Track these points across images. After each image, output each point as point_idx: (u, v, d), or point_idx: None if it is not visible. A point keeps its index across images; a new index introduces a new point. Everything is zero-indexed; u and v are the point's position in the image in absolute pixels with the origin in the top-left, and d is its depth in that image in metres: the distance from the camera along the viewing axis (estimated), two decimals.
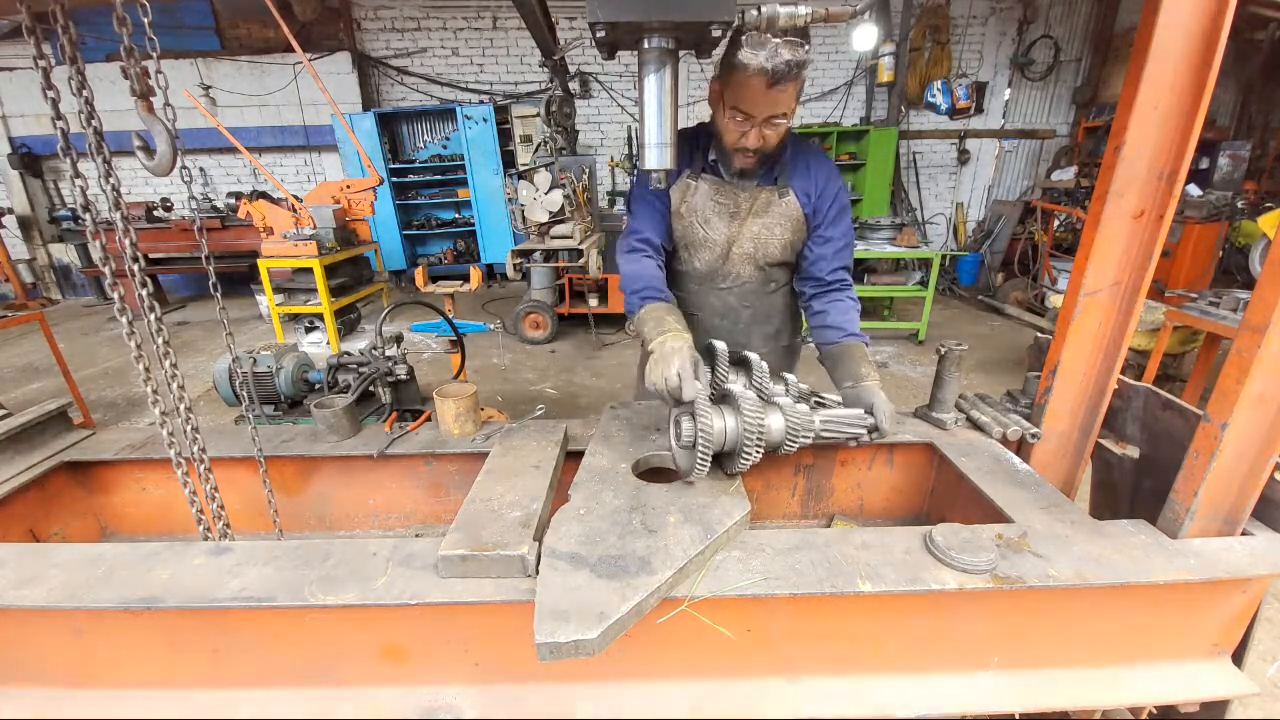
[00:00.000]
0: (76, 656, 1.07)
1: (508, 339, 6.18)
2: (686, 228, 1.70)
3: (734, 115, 1.44)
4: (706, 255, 1.72)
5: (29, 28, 0.95)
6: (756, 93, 1.36)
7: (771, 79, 1.31)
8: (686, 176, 1.66)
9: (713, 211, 1.66)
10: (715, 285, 1.77)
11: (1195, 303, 3.43)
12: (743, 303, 1.79)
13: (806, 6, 1.22)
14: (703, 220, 1.67)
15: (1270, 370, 1.00)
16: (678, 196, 1.67)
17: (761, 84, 1.33)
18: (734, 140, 1.50)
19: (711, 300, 1.79)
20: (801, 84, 1.39)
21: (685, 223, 1.69)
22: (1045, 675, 1.11)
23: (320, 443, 1.59)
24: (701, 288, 1.79)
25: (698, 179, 1.65)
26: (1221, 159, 6.83)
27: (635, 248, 1.67)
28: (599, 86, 8.53)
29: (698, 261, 1.74)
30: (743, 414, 1.18)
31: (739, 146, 1.51)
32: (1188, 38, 1.05)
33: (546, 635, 0.85)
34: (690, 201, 1.66)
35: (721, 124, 1.51)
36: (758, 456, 1.20)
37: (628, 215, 1.76)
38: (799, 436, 1.25)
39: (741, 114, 1.43)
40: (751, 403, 1.20)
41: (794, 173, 1.63)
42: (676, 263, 1.79)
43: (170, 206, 7.52)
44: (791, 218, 1.65)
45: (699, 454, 1.16)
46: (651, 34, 1.10)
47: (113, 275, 1.06)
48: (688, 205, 1.67)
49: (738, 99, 1.40)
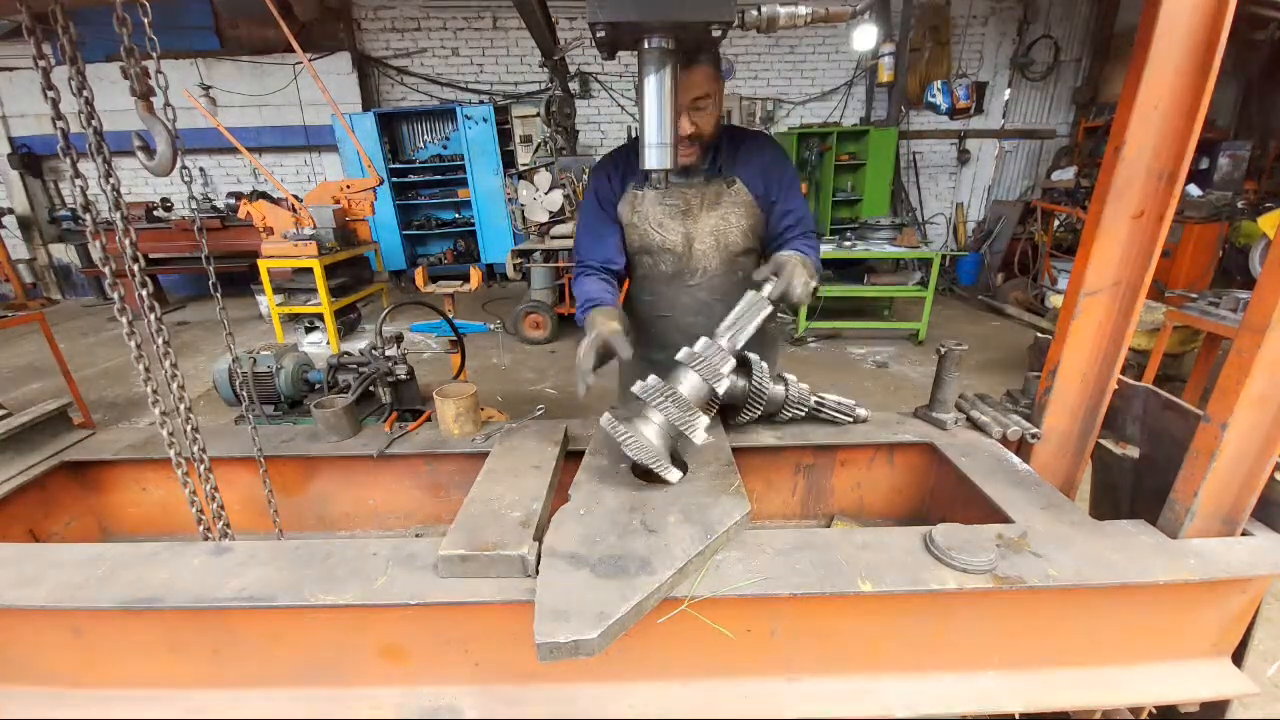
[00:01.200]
0: (76, 656, 1.07)
1: (508, 339, 6.18)
2: (642, 235, 1.73)
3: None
4: (668, 257, 1.75)
5: (29, 28, 0.95)
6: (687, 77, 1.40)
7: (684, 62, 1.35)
8: (632, 188, 1.71)
9: (664, 214, 1.69)
10: (684, 284, 1.78)
11: (1195, 303, 3.43)
12: (714, 297, 1.79)
13: (806, 6, 1.22)
14: (656, 224, 1.70)
15: (1270, 370, 1.00)
16: (627, 210, 1.72)
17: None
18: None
19: (683, 299, 1.80)
20: (715, 65, 1.45)
21: (640, 231, 1.73)
22: (1045, 675, 1.11)
23: (320, 443, 1.59)
24: (670, 288, 1.80)
25: (642, 188, 1.69)
26: (1221, 159, 6.83)
27: (581, 271, 1.76)
28: (599, 86, 8.53)
29: (662, 265, 1.77)
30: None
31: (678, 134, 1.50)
32: (1188, 38, 1.05)
33: (546, 635, 0.85)
34: (641, 210, 1.71)
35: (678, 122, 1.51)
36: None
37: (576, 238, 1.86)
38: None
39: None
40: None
41: (736, 161, 1.67)
42: (641, 269, 1.82)
43: (170, 206, 7.52)
44: (744, 204, 1.69)
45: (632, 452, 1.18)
46: (651, 34, 1.10)
47: (113, 275, 1.06)
48: (639, 215, 1.71)
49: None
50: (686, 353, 1.28)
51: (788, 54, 8.44)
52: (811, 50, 8.44)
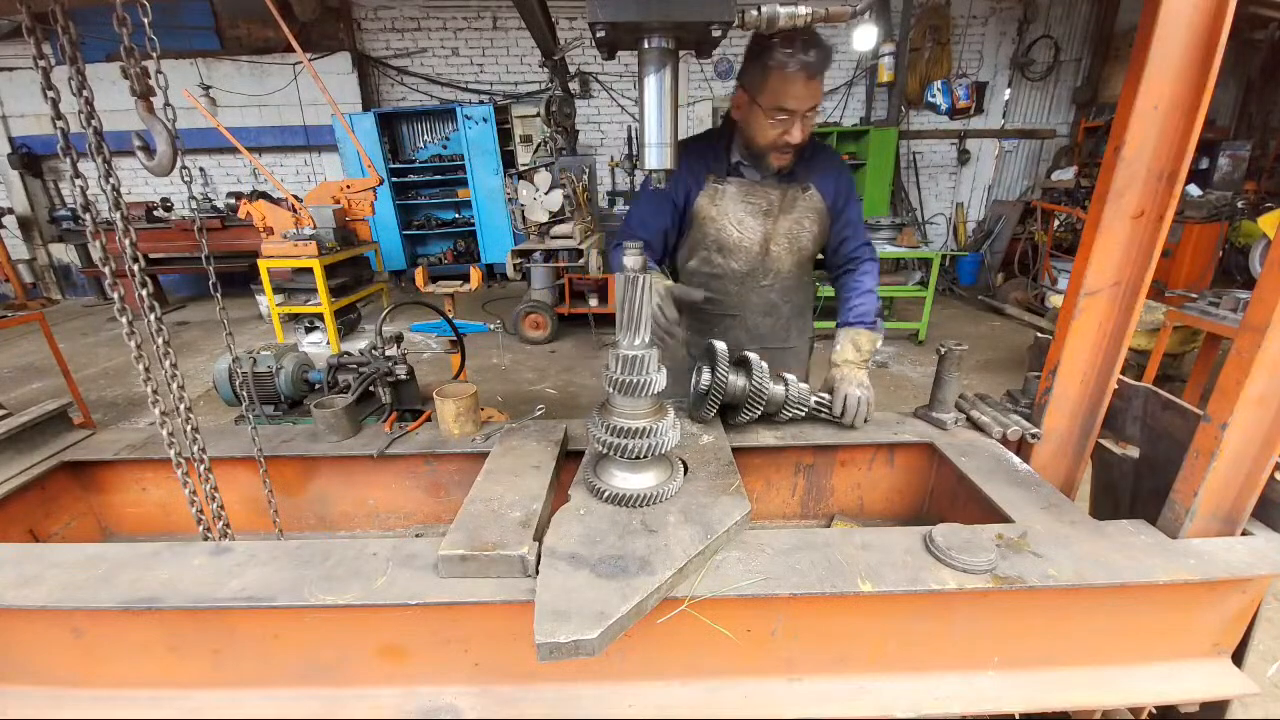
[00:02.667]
0: (76, 656, 1.07)
1: (508, 339, 6.18)
2: (719, 230, 1.72)
3: (775, 115, 1.48)
4: (743, 256, 1.75)
5: (29, 28, 0.95)
6: (799, 88, 1.44)
7: (810, 72, 1.41)
8: (713, 181, 1.68)
9: (745, 212, 1.69)
10: (757, 283, 1.79)
11: (1195, 303, 3.43)
12: (784, 299, 1.83)
13: (806, 6, 1.22)
14: (735, 221, 1.70)
15: (1270, 370, 1.00)
16: (706, 200, 1.70)
17: (802, 79, 1.41)
18: (773, 139, 1.54)
19: (753, 299, 1.82)
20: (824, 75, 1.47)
21: (717, 225, 1.71)
22: (1045, 675, 1.11)
23: (320, 443, 1.59)
24: (742, 288, 1.80)
25: (724, 182, 1.68)
26: (1221, 159, 6.84)
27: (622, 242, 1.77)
28: (599, 86, 8.53)
29: (735, 263, 1.76)
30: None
31: (780, 145, 1.55)
32: (1188, 38, 1.05)
33: (546, 635, 0.85)
34: (720, 205, 1.69)
35: (757, 127, 1.55)
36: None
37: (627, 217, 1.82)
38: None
39: (784, 112, 1.48)
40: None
41: (811, 168, 1.69)
42: (710, 267, 1.80)
43: (170, 206, 7.52)
44: (817, 210, 1.71)
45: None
46: (651, 34, 1.10)
47: (113, 275, 1.06)
48: (718, 208, 1.69)
49: (780, 98, 1.46)
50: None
51: None
52: None
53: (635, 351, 1.11)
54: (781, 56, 1.39)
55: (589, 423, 1.20)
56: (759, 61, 1.45)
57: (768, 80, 1.45)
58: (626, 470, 1.19)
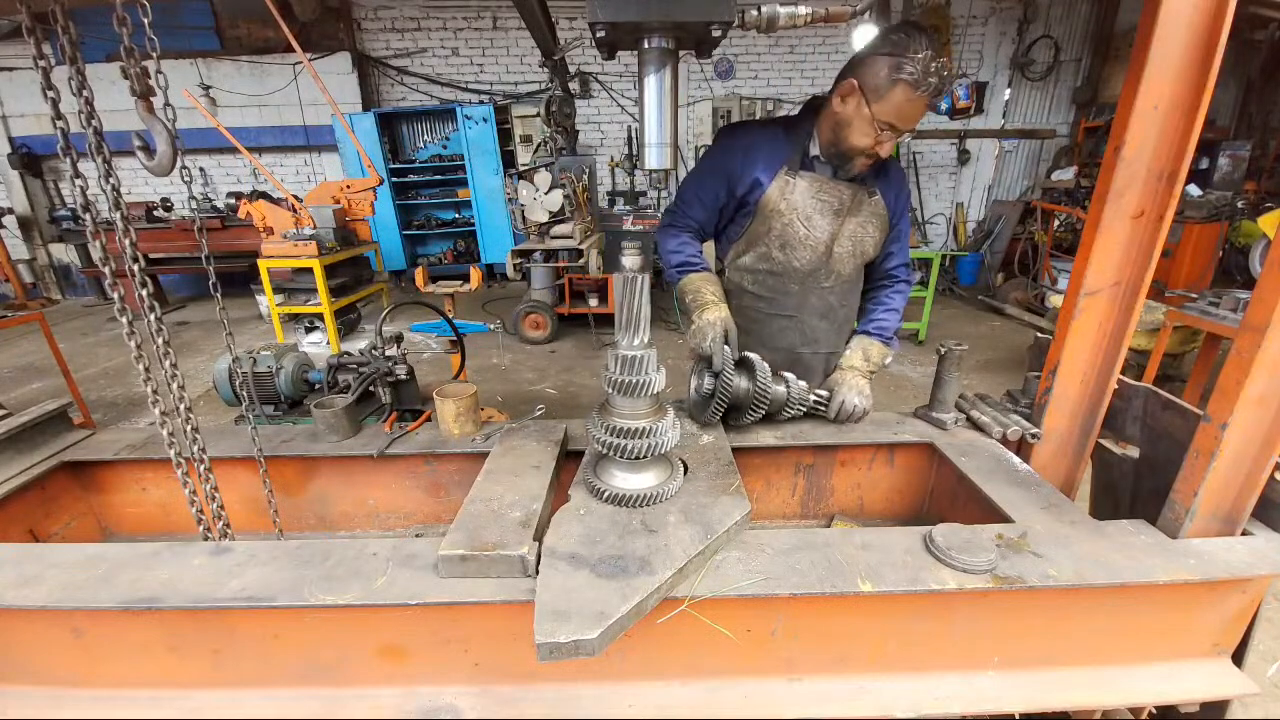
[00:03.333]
0: (76, 656, 1.07)
1: (508, 339, 6.18)
2: (786, 225, 1.64)
3: (882, 127, 1.42)
4: (807, 254, 1.67)
5: (29, 28, 0.95)
6: (917, 110, 1.39)
7: (936, 94, 1.35)
8: (784, 173, 1.59)
9: (814, 209, 1.61)
10: (818, 284, 1.73)
11: (1195, 303, 3.43)
12: (841, 302, 1.79)
13: (806, 6, 1.22)
14: (804, 218, 1.62)
15: (1270, 370, 1.00)
16: (776, 192, 1.60)
17: (923, 101, 1.36)
18: (867, 146, 1.47)
19: (813, 300, 1.75)
20: None
21: (784, 220, 1.63)
22: (1045, 675, 1.11)
23: (320, 443, 1.59)
24: (803, 288, 1.73)
25: (795, 175, 1.59)
26: (1221, 159, 6.83)
27: (679, 224, 1.73)
28: (599, 86, 8.53)
29: (797, 261, 1.68)
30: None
31: (871, 153, 1.49)
32: (1188, 38, 1.05)
33: (546, 635, 0.85)
34: (790, 199, 1.60)
35: (859, 128, 1.46)
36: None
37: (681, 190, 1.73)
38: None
39: (892, 128, 1.42)
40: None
41: (877, 173, 1.65)
42: (769, 264, 1.71)
43: (170, 206, 7.51)
44: (880, 216, 1.68)
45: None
46: (651, 34, 1.10)
47: (113, 275, 1.06)
48: (787, 202, 1.61)
49: (896, 115, 1.39)
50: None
51: (788, 54, 8.44)
52: (811, 50, 8.43)
53: (634, 352, 1.11)
54: (919, 73, 1.31)
55: (589, 423, 1.20)
56: (890, 67, 1.34)
57: (893, 91, 1.36)
58: (626, 470, 1.19)
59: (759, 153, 1.61)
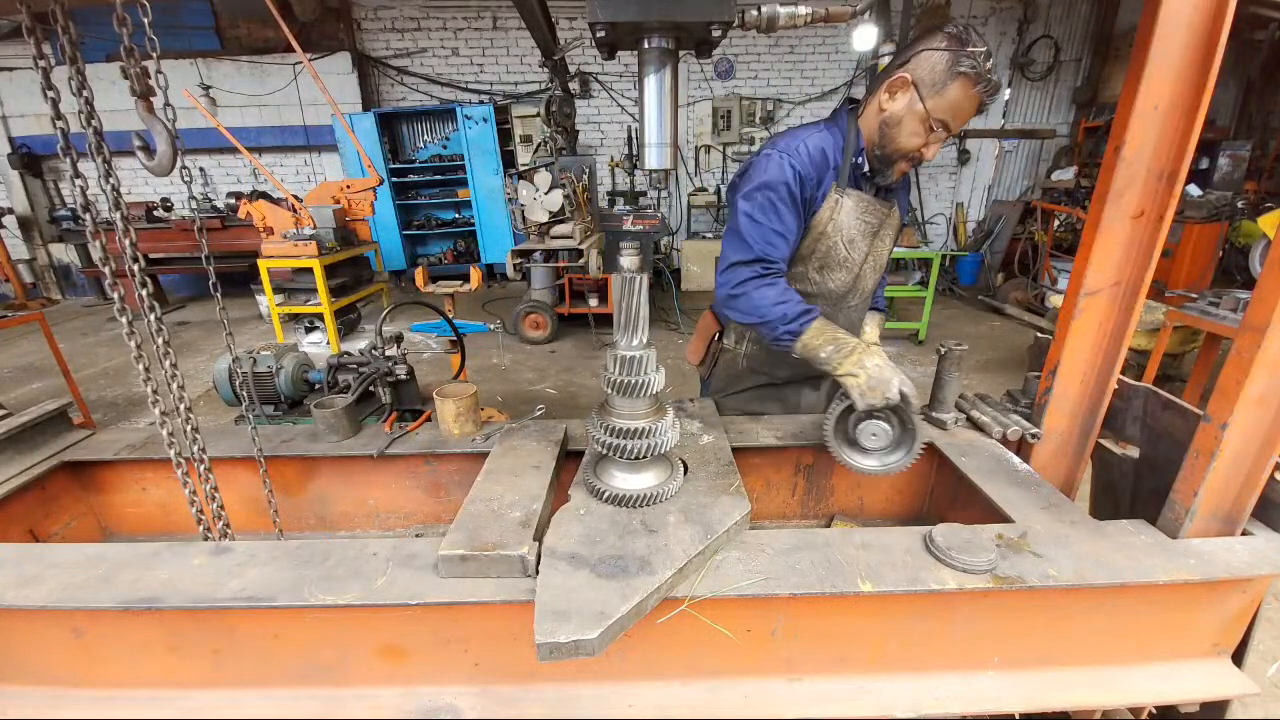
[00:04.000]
0: (76, 656, 1.07)
1: (508, 339, 6.18)
2: (830, 248, 1.53)
3: (935, 125, 1.34)
4: (843, 275, 1.59)
5: (29, 28, 0.95)
6: (971, 107, 1.31)
7: (990, 95, 1.29)
8: (835, 190, 1.46)
9: (858, 231, 1.53)
10: (847, 304, 1.67)
11: (1195, 303, 3.43)
12: (860, 316, 1.76)
13: (806, 6, 1.22)
14: (847, 240, 1.52)
15: (1270, 370, 1.00)
16: (826, 212, 1.48)
17: (977, 100, 1.30)
18: (916, 147, 1.38)
19: (840, 320, 1.65)
20: None
21: (830, 242, 1.52)
22: (1045, 675, 1.11)
23: (320, 443, 1.59)
24: (834, 309, 1.65)
25: (843, 193, 1.47)
26: (1221, 159, 6.83)
27: (770, 272, 1.44)
28: (599, 86, 8.52)
29: (833, 283, 1.60)
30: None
31: (917, 157, 1.40)
32: (1188, 38, 1.05)
33: (546, 635, 0.85)
34: (837, 220, 1.49)
35: (909, 128, 1.36)
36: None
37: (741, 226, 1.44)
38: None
39: (945, 128, 1.34)
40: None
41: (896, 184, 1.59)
42: (805, 284, 1.60)
43: (170, 206, 7.51)
44: (896, 227, 1.64)
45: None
46: (651, 34, 1.10)
47: (113, 275, 1.06)
48: (834, 224, 1.49)
49: (951, 112, 1.31)
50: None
51: (788, 54, 8.44)
52: (811, 50, 8.43)
53: (633, 352, 1.10)
54: (980, 68, 1.23)
55: (588, 423, 1.20)
56: (950, 60, 1.26)
57: (951, 85, 1.27)
58: (626, 470, 1.19)
59: (814, 167, 1.44)
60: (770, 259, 1.43)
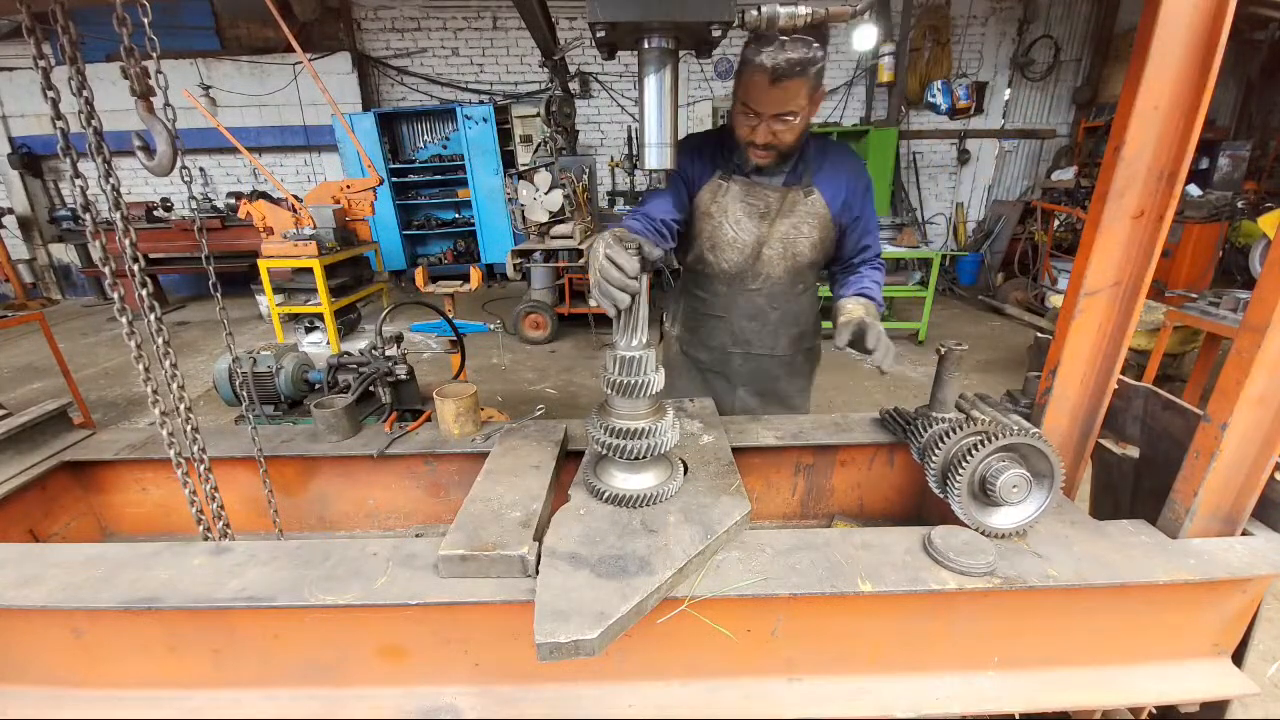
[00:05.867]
0: (76, 656, 1.07)
1: (508, 339, 6.18)
2: (716, 228, 1.69)
3: (743, 110, 1.47)
4: (734, 256, 1.71)
5: (29, 28, 0.95)
6: (761, 89, 1.39)
7: (774, 76, 1.35)
8: (718, 177, 1.65)
9: (743, 212, 1.66)
10: (745, 286, 1.76)
11: (1195, 303, 3.43)
12: (771, 304, 1.79)
13: (806, 6, 1.22)
14: (733, 221, 1.67)
15: (1270, 370, 1.00)
16: (708, 197, 1.67)
17: (765, 80, 1.36)
18: (744, 135, 1.52)
19: (740, 301, 1.79)
20: (812, 83, 1.41)
21: (715, 223, 1.69)
22: (1045, 675, 1.11)
23: (320, 443, 1.59)
24: (730, 289, 1.78)
25: (729, 180, 1.65)
26: (1221, 159, 6.83)
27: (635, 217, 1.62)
28: (599, 86, 8.53)
29: (725, 263, 1.73)
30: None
31: (748, 141, 1.53)
32: (1188, 38, 1.04)
33: (546, 635, 0.85)
34: (721, 202, 1.66)
35: (736, 119, 1.53)
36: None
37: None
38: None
39: (749, 110, 1.45)
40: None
41: (818, 171, 1.65)
42: (703, 265, 1.78)
43: (170, 206, 7.52)
44: (818, 216, 1.66)
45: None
46: (651, 34, 1.10)
47: (113, 275, 1.06)
48: (718, 205, 1.67)
49: (745, 94, 1.44)
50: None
51: None
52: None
53: (633, 353, 1.11)
54: (750, 52, 1.36)
55: (588, 423, 1.20)
56: (743, 49, 1.42)
57: (742, 72, 1.43)
58: (626, 471, 1.19)
59: (699, 159, 1.67)
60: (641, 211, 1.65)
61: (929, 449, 1.22)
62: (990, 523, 1.11)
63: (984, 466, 1.10)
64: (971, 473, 1.10)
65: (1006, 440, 1.08)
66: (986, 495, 1.10)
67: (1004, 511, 1.12)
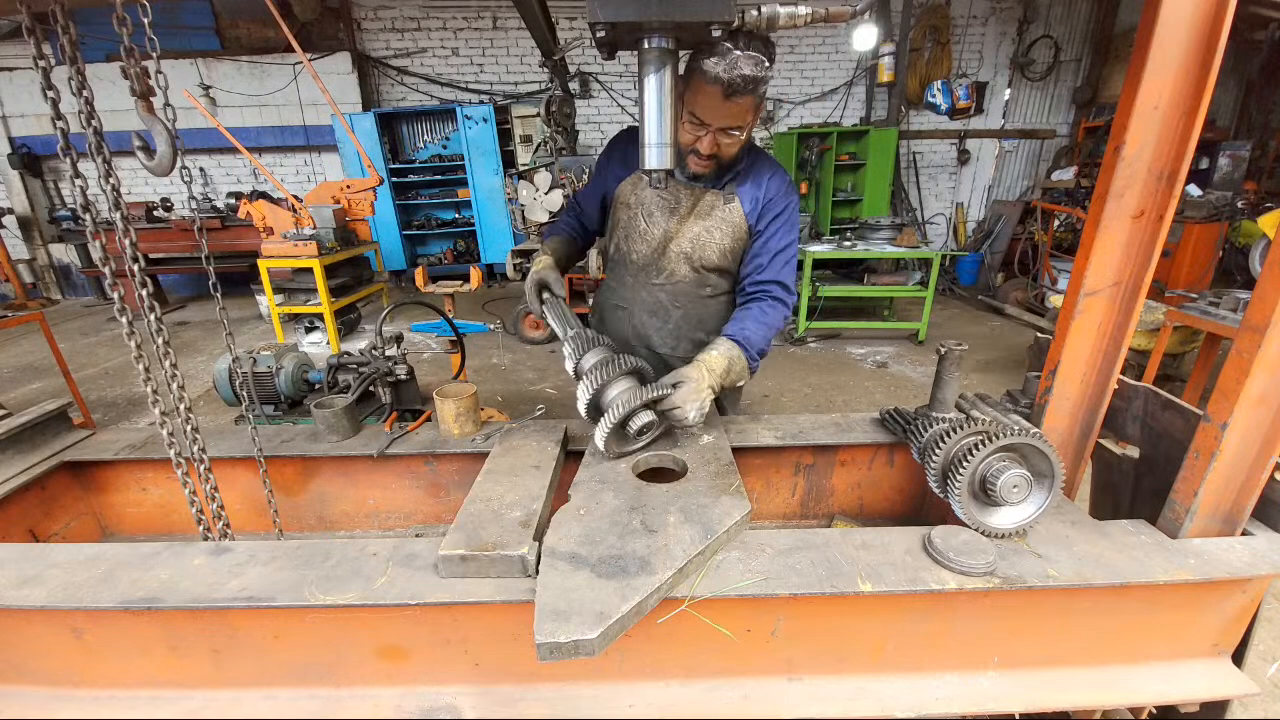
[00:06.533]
0: (76, 656, 1.07)
1: (508, 339, 6.18)
2: (631, 218, 1.71)
3: (690, 119, 1.44)
4: (643, 248, 1.72)
5: (29, 28, 0.95)
6: (713, 101, 1.37)
7: (728, 91, 1.33)
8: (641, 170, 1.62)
9: (656, 206, 1.67)
10: (649, 280, 1.76)
11: (1195, 303, 3.43)
12: (674, 302, 1.76)
13: (806, 6, 1.22)
14: (646, 214, 1.69)
15: (1270, 370, 1.00)
16: (629, 187, 1.71)
17: (717, 94, 1.34)
18: (688, 143, 1.50)
19: (643, 295, 1.78)
20: (759, 99, 1.40)
21: (630, 213, 1.71)
22: (1045, 675, 1.11)
23: (320, 443, 1.59)
24: (636, 280, 1.78)
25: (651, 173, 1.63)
26: (1221, 159, 6.82)
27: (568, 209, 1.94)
28: (599, 86, 8.52)
29: (634, 254, 1.75)
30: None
31: (692, 149, 1.51)
32: (1188, 38, 1.04)
33: (546, 635, 0.85)
34: (639, 194, 1.69)
35: (682, 125, 1.47)
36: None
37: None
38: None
39: (696, 120, 1.43)
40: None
41: (745, 180, 1.62)
42: (618, 255, 1.81)
43: (170, 206, 7.51)
44: (733, 223, 1.63)
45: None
46: (651, 34, 1.10)
47: (113, 275, 1.06)
48: (636, 197, 1.69)
49: (694, 104, 1.41)
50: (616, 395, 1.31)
51: (788, 54, 8.44)
52: (811, 50, 8.44)
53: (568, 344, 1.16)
54: (706, 65, 1.30)
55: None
56: (691, 57, 1.36)
57: (691, 81, 1.38)
58: None
59: (625, 152, 1.70)
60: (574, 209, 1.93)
61: (929, 449, 1.22)
62: (990, 523, 1.11)
63: (984, 466, 1.10)
64: (972, 473, 1.09)
65: (1007, 440, 1.07)
66: (987, 495, 1.10)
67: (1004, 511, 1.11)
